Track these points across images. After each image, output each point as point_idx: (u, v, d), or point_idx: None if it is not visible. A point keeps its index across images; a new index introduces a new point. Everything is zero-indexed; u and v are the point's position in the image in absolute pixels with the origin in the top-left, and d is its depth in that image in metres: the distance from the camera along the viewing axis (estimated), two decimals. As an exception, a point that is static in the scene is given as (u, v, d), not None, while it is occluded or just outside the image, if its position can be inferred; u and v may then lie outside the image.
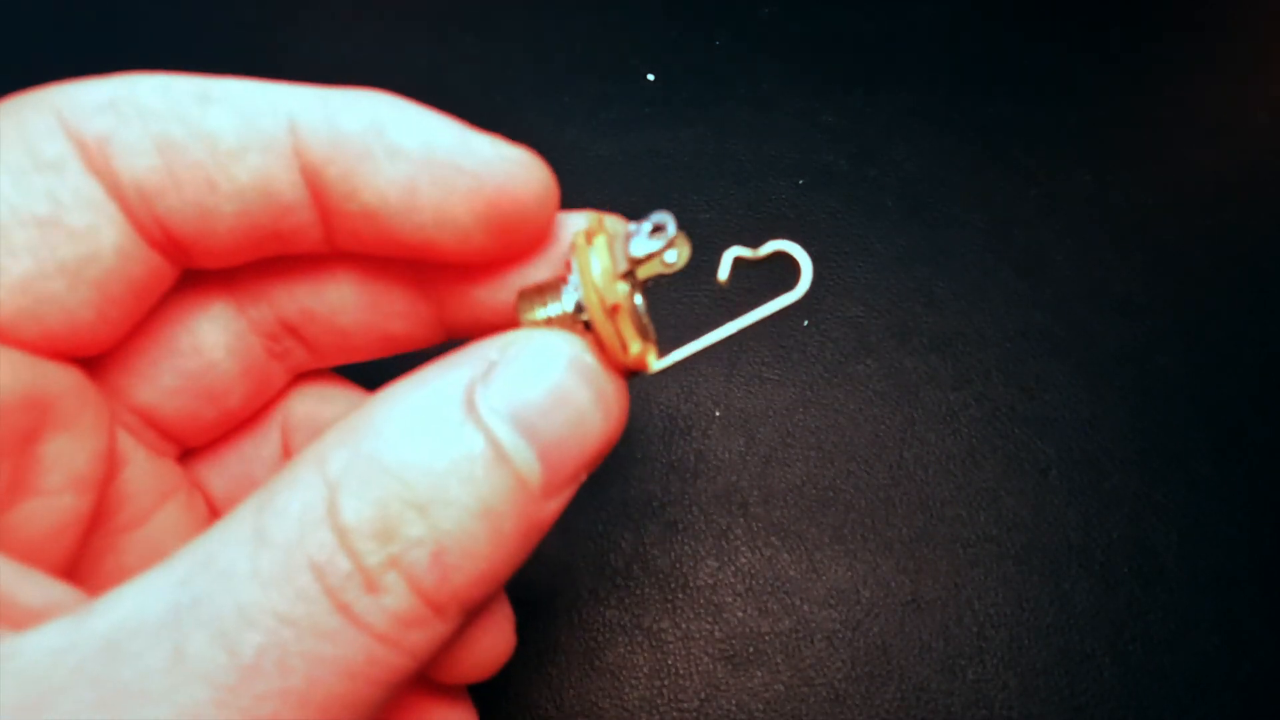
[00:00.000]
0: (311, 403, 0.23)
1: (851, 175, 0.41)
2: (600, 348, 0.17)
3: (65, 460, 0.17)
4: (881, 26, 0.47)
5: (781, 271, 0.19)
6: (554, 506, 0.16)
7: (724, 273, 0.19)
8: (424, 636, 0.15)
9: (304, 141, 0.17)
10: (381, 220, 0.18)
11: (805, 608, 0.31)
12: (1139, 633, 0.31)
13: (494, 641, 0.21)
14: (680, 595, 0.31)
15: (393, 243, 0.18)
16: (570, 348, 0.17)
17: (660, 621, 0.31)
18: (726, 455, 0.34)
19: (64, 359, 0.17)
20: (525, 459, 0.15)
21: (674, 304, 0.37)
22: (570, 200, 0.19)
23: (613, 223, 0.19)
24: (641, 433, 0.34)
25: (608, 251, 0.18)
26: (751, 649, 0.31)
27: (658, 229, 0.17)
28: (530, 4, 0.47)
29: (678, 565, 0.32)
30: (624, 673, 0.30)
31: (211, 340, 0.20)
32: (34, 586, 0.15)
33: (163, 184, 0.16)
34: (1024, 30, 0.47)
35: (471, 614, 0.16)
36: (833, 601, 0.31)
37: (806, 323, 0.37)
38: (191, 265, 0.18)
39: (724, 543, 0.32)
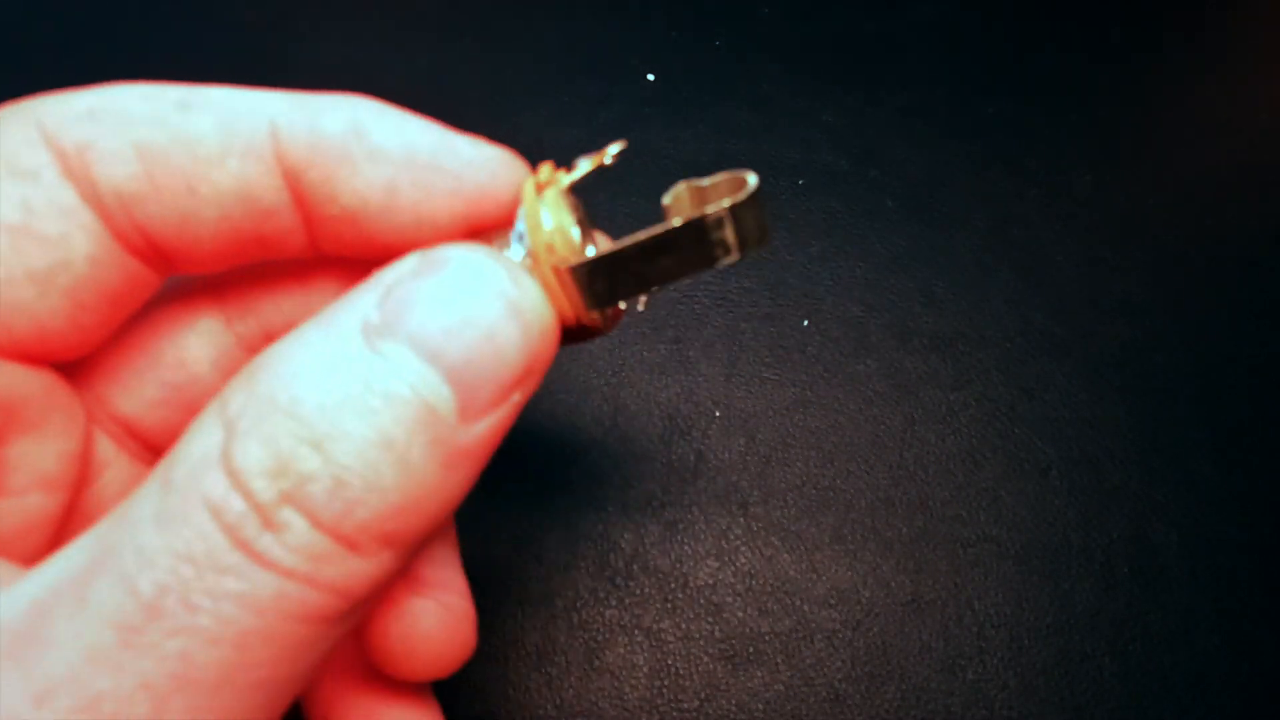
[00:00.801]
0: None
1: (851, 175, 0.41)
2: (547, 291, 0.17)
3: (31, 461, 0.17)
4: (881, 26, 0.47)
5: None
6: (481, 430, 0.15)
7: (667, 198, 0.18)
8: (341, 572, 0.14)
9: (285, 145, 0.17)
10: (362, 222, 0.18)
11: (805, 608, 0.31)
12: (1139, 633, 0.31)
13: (448, 636, 0.20)
14: (680, 595, 0.31)
15: (373, 244, 0.18)
16: (472, 254, 0.16)
17: (660, 621, 0.31)
18: (726, 455, 0.34)
19: (34, 363, 0.17)
20: (430, 384, 0.15)
21: (673, 304, 0.37)
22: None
23: (564, 175, 0.18)
24: (641, 433, 0.34)
25: (561, 204, 0.17)
26: (751, 649, 0.31)
27: (596, 155, 0.17)
28: (530, 4, 0.47)
29: (678, 565, 0.32)
30: (624, 673, 0.30)
31: (196, 353, 0.20)
32: None
33: (143, 190, 0.16)
34: (1024, 31, 0.47)
35: (408, 551, 0.15)
36: (833, 601, 0.31)
37: (806, 323, 0.37)
38: (175, 271, 0.18)
39: (724, 543, 0.32)
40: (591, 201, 0.24)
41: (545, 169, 0.18)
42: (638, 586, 0.32)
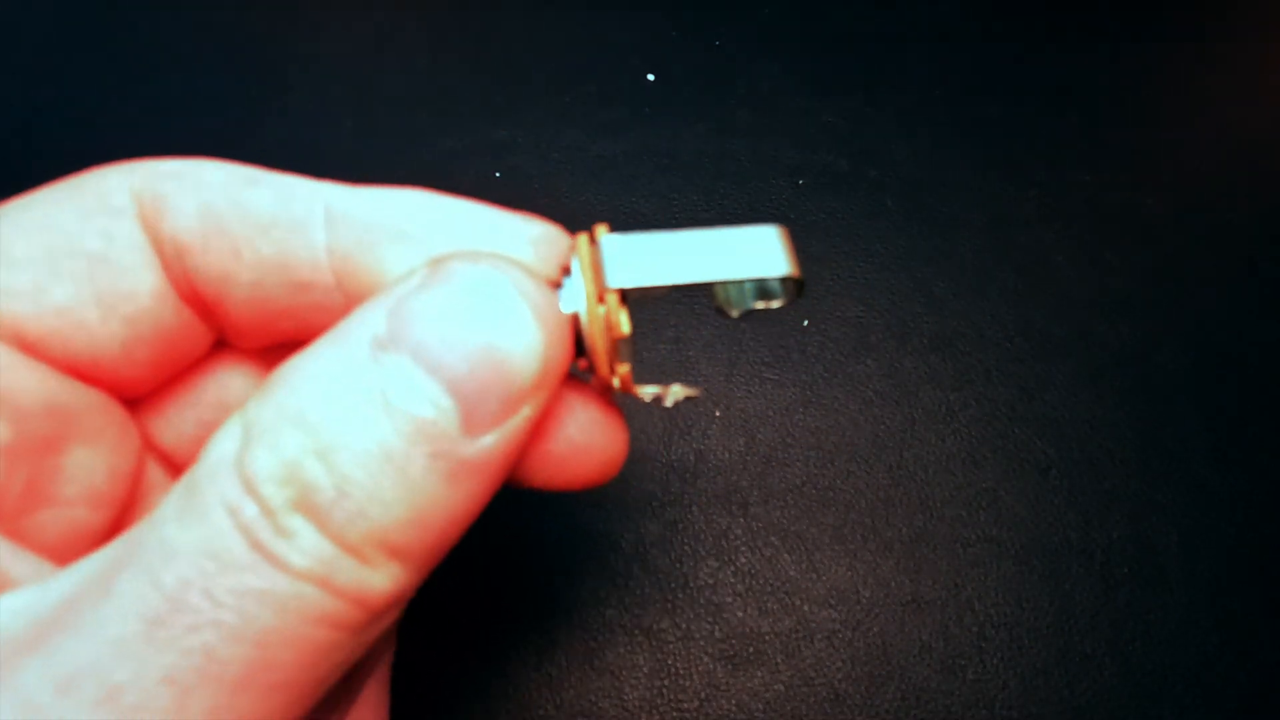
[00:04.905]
0: None
1: (851, 175, 0.41)
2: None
3: (83, 474, 0.18)
4: (881, 26, 0.47)
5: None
6: (488, 444, 0.15)
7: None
8: (353, 580, 0.14)
9: (336, 229, 0.18)
10: None
11: (805, 608, 0.31)
12: (1139, 633, 0.31)
13: (598, 440, 0.19)
14: (680, 595, 0.31)
15: None
16: (478, 265, 0.15)
17: (660, 621, 0.31)
18: (726, 455, 0.34)
19: (89, 383, 0.18)
20: (430, 396, 0.14)
21: (672, 304, 0.37)
22: (571, 200, 0.19)
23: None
24: (641, 433, 0.34)
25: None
26: (751, 649, 0.31)
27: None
28: (530, 4, 0.47)
29: (678, 565, 0.32)
30: (624, 673, 0.30)
31: (238, 397, 0.21)
32: (22, 562, 0.16)
33: (195, 244, 0.18)
34: (1024, 30, 0.47)
35: (422, 565, 0.15)
36: (833, 601, 0.31)
37: (806, 323, 0.37)
38: (225, 338, 0.20)
39: (724, 543, 0.32)
40: (593, 200, 0.25)
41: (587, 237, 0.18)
42: (638, 586, 0.31)
